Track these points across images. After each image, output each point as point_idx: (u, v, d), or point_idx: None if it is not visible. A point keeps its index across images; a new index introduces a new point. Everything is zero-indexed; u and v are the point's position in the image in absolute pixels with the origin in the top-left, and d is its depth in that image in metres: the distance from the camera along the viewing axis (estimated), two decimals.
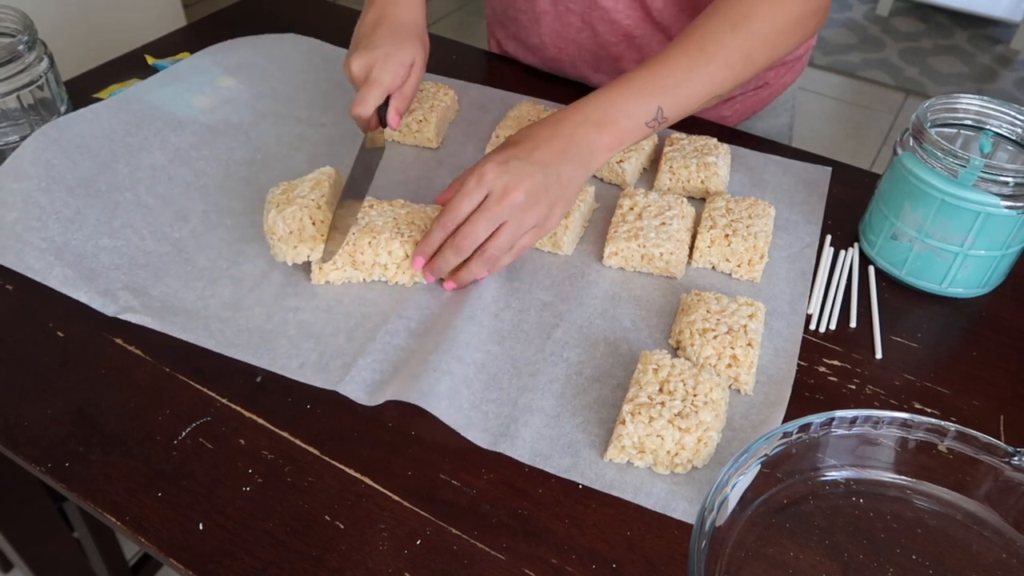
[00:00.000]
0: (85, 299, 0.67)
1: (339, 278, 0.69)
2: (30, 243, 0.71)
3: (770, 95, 0.97)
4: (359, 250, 0.67)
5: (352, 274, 0.69)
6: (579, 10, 0.88)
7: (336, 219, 0.67)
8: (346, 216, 0.68)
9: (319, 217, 0.67)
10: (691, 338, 0.62)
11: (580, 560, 0.51)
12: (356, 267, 0.68)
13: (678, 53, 0.69)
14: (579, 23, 0.89)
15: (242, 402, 0.60)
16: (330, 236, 0.67)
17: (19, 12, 0.81)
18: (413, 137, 0.85)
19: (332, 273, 0.68)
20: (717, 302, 0.64)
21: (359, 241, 0.67)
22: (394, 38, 0.75)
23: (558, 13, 0.90)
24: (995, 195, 0.64)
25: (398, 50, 0.74)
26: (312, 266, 0.68)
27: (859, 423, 0.54)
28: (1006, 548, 0.52)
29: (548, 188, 0.64)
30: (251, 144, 0.85)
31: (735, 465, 0.51)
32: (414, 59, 0.76)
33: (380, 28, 0.76)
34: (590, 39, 0.90)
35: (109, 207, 0.75)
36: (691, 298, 0.65)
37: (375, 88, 0.73)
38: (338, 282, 0.69)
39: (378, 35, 0.75)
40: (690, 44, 0.69)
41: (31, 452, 0.56)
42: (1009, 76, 2.85)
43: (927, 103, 0.70)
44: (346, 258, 0.68)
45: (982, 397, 0.63)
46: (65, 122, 0.81)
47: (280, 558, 0.51)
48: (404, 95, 0.76)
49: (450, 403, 0.59)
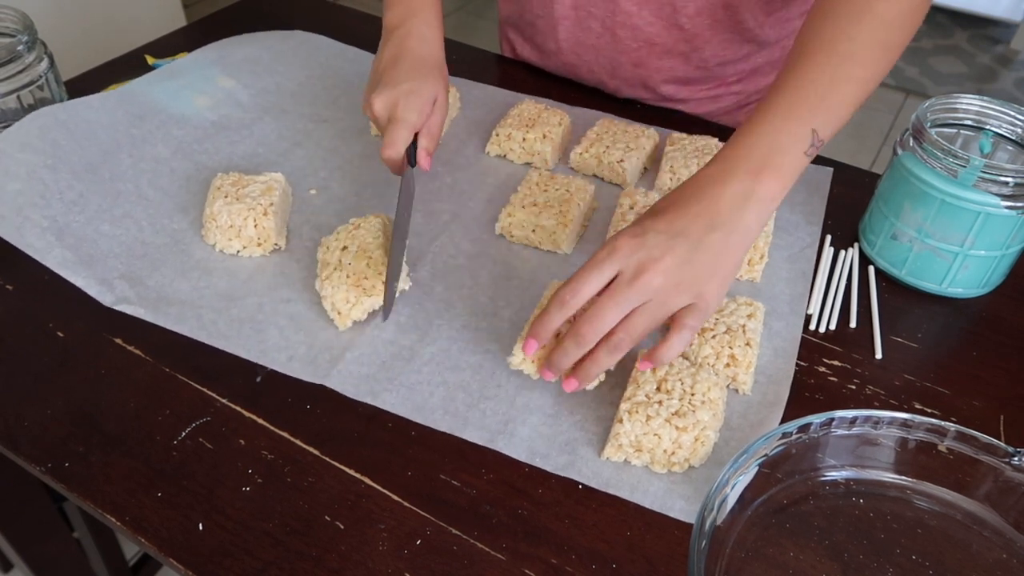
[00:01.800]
0: (82, 284, 0.67)
1: (361, 312, 0.65)
2: (31, 219, 0.71)
3: None
4: (361, 275, 0.65)
5: (369, 303, 0.65)
6: (600, 16, 0.87)
7: (390, 276, 0.65)
8: (396, 270, 0.65)
9: (264, 223, 0.70)
10: None
11: (580, 560, 0.51)
12: (368, 293, 0.64)
13: (809, 63, 0.58)
14: (599, 28, 0.88)
15: (242, 402, 0.60)
16: (387, 291, 0.64)
17: (19, 12, 0.81)
18: None
19: (352, 311, 0.64)
20: None
21: (356, 265, 0.65)
22: (415, 73, 0.72)
23: (578, 19, 0.89)
24: (995, 195, 0.64)
25: (421, 86, 0.71)
26: (332, 315, 0.65)
27: (859, 423, 0.54)
28: (1006, 548, 0.52)
29: (692, 265, 0.54)
30: (253, 139, 0.85)
31: (735, 465, 0.51)
32: (436, 95, 0.72)
33: (400, 64, 0.72)
34: (610, 45, 0.89)
35: (111, 195, 0.76)
36: None
37: (401, 128, 0.69)
38: (362, 317, 0.65)
39: (398, 72, 0.72)
40: (817, 49, 0.59)
41: (31, 452, 0.56)
42: (1009, 76, 2.85)
43: (927, 103, 0.70)
44: (358, 291, 0.64)
45: (982, 397, 0.63)
46: (73, 106, 0.82)
47: (280, 558, 0.51)
48: (431, 133, 0.72)
49: (445, 411, 0.59)
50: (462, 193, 0.80)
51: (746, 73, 0.93)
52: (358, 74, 0.96)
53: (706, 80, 0.92)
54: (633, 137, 0.82)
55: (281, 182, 0.73)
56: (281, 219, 0.73)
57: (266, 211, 0.70)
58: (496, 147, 0.85)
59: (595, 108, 0.92)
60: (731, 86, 0.94)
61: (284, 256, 0.72)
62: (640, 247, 0.54)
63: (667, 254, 0.53)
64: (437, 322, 0.66)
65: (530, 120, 0.83)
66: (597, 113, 0.91)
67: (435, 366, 0.62)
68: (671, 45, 0.87)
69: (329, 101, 0.92)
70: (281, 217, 0.73)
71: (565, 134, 0.85)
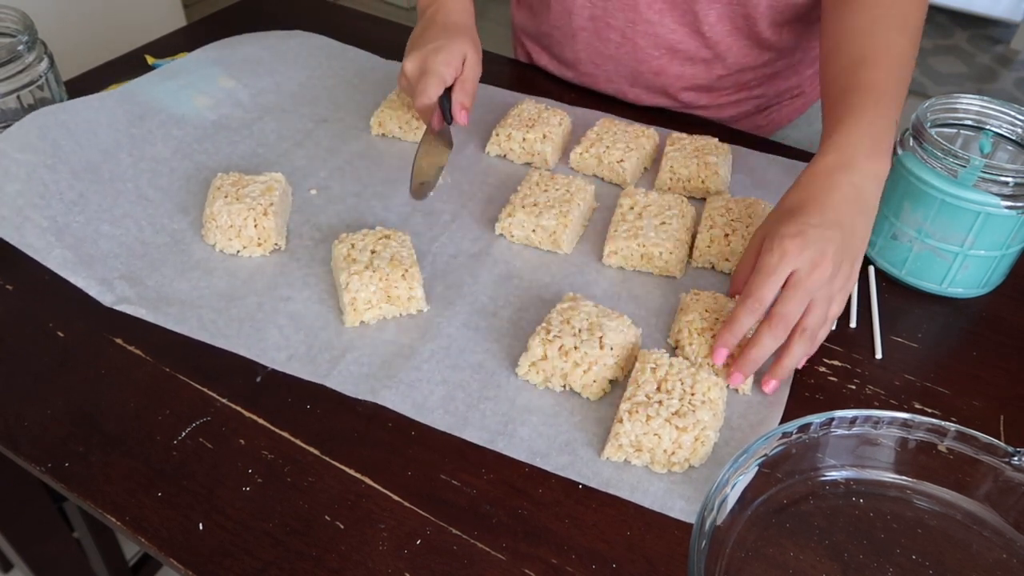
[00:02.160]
0: (83, 285, 0.67)
1: (374, 316, 0.65)
2: (31, 219, 0.71)
3: (805, 104, 0.96)
4: (392, 284, 0.65)
5: (387, 310, 0.66)
6: (619, 26, 0.87)
7: (424, 158, 0.67)
8: (434, 159, 0.68)
9: (264, 223, 0.70)
10: (689, 337, 0.62)
11: (580, 560, 0.51)
12: (391, 303, 0.65)
13: (875, 68, 0.65)
14: (619, 39, 0.88)
15: (242, 402, 0.60)
16: (420, 172, 0.66)
17: (19, 12, 0.81)
18: (414, 134, 0.85)
19: (367, 312, 0.65)
20: (715, 301, 0.64)
21: (392, 273, 0.64)
22: (442, 34, 0.76)
23: (596, 29, 0.89)
24: (995, 195, 0.64)
25: (448, 43, 0.75)
26: (346, 308, 0.64)
27: (859, 423, 0.54)
28: (1006, 548, 0.52)
29: (847, 248, 0.59)
30: (253, 139, 0.86)
31: (735, 465, 0.51)
32: (466, 53, 0.76)
33: (428, 31, 0.78)
34: (629, 55, 0.89)
35: (111, 195, 0.76)
36: (690, 297, 0.65)
37: (431, 77, 0.73)
38: (372, 321, 0.66)
39: (426, 37, 0.77)
40: (882, 55, 0.66)
41: (31, 452, 0.56)
42: (1009, 76, 2.85)
43: (927, 103, 0.70)
44: (383, 297, 0.65)
45: (982, 397, 0.63)
46: (73, 106, 0.82)
47: (280, 558, 0.51)
48: (465, 88, 0.76)
49: (445, 410, 0.59)
50: (462, 193, 0.80)
51: (767, 77, 0.92)
52: (359, 74, 0.97)
53: (727, 86, 0.92)
54: (633, 137, 0.82)
55: (281, 182, 0.73)
56: (281, 219, 0.73)
57: (266, 211, 0.70)
58: (496, 147, 0.85)
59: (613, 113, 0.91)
60: (752, 90, 0.93)
61: (284, 256, 0.72)
62: (806, 245, 0.58)
63: (830, 245, 0.58)
64: (437, 321, 0.66)
65: (530, 120, 0.83)
66: (597, 113, 0.91)
67: (435, 364, 0.62)
68: (693, 52, 0.87)
69: (329, 101, 0.92)
70: (281, 217, 0.73)
71: (565, 134, 0.85)
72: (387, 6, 3.22)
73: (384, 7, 3.21)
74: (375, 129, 0.87)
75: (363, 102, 0.92)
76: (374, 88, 0.94)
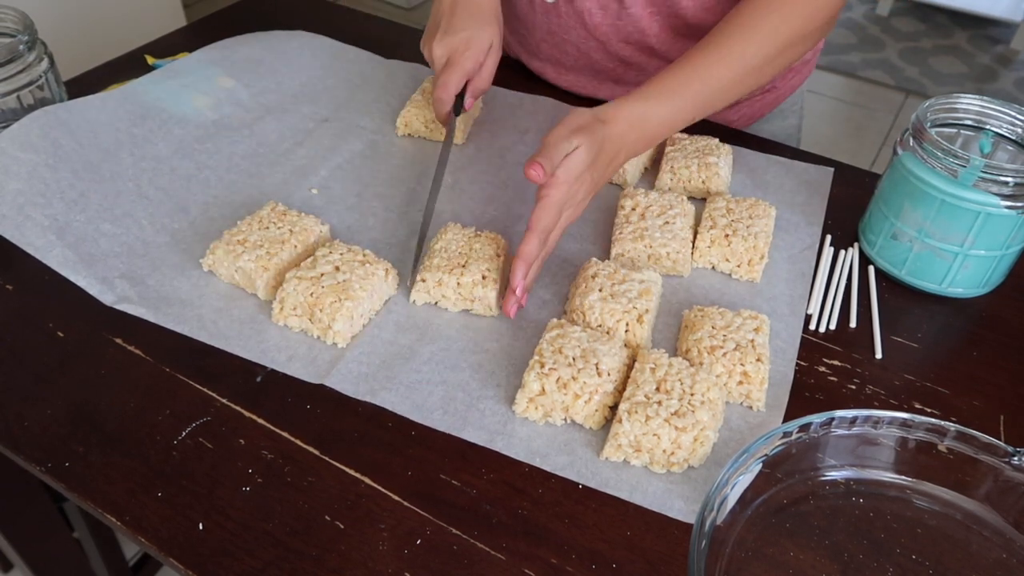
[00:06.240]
0: (83, 284, 0.67)
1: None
2: (32, 218, 0.71)
3: (777, 99, 0.96)
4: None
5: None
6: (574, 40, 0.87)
7: (423, 236, 0.70)
8: (426, 228, 0.71)
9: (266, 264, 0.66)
10: (699, 356, 0.61)
11: (580, 560, 0.51)
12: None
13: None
14: (576, 53, 0.89)
15: (242, 402, 0.60)
16: (421, 267, 0.67)
17: (19, 12, 0.81)
18: (440, 134, 0.85)
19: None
20: (721, 317, 0.63)
21: (322, 299, 0.62)
22: (473, 22, 0.77)
23: (556, 43, 0.89)
24: (995, 195, 0.64)
25: (478, 33, 0.77)
26: (274, 306, 0.64)
27: (859, 423, 0.54)
28: (1006, 548, 0.52)
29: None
30: (254, 138, 0.85)
31: (735, 465, 0.51)
32: (492, 41, 0.78)
33: (459, 11, 0.77)
34: (588, 67, 0.90)
35: (112, 195, 0.76)
36: (694, 314, 0.64)
37: (456, 72, 0.75)
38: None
39: (457, 19, 0.77)
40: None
41: (31, 452, 0.56)
42: (1009, 76, 2.85)
43: (927, 103, 0.70)
44: (305, 308, 0.63)
45: (982, 397, 0.63)
46: (75, 105, 0.82)
47: (280, 558, 0.51)
48: (483, 78, 0.79)
49: (444, 411, 0.59)
50: (462, 192, 0.80)
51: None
52: (359, 74, 0.97)
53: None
54: None
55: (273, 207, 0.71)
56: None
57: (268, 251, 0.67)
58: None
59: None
60: (767, 93, 0.94)
61: None
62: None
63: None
64: (436, 322, 0.66)
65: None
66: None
67: (435, 365, 0.62)
68: (634, 56, 0.87)
69: (330, 101, 0.92)
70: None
71: None
72: (387, 6, 3.22)
73: (384, 7, 3.21)
74: (401, 129, 0.87)
75: (364, 101, 0.92)
76: (375, 88, 0.94)
